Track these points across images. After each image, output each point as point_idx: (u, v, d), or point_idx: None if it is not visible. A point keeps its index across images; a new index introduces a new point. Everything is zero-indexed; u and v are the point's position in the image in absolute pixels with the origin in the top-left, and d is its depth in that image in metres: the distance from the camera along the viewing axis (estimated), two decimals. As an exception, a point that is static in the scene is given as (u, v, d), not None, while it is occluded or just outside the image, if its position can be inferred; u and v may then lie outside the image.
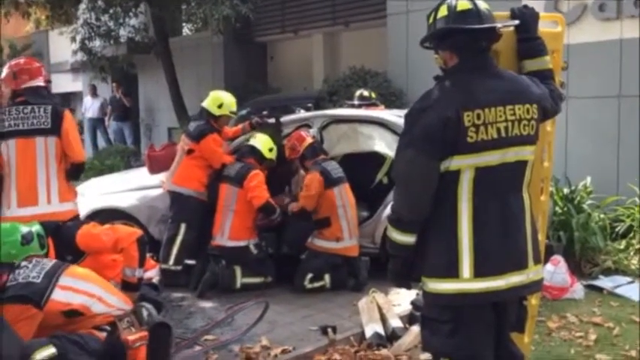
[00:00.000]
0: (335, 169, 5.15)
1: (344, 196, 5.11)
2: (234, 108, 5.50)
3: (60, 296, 2.97)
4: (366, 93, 6.94)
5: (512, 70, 2.49)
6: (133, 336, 2.92)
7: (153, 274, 4.08)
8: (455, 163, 2.26)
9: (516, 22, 2.52)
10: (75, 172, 4.24)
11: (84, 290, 3.06)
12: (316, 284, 5.03)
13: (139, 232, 3.56)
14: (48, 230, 3.38)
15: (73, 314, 3.02)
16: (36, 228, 3.31)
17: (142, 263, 3.47)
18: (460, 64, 2.34)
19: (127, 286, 3.39)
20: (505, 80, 2.34)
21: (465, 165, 2.27)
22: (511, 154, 2.29)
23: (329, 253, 5.05)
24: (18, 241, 3.16)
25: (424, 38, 2.43)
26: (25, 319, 2.88)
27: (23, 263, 3.04)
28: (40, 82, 4.16)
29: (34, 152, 4.04)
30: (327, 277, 5.04)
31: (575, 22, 6.66)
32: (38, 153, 4.04)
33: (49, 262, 3.09)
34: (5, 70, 4.18)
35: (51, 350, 2.80)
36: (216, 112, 5.37)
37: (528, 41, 2.55)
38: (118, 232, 3.49)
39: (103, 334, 3.01)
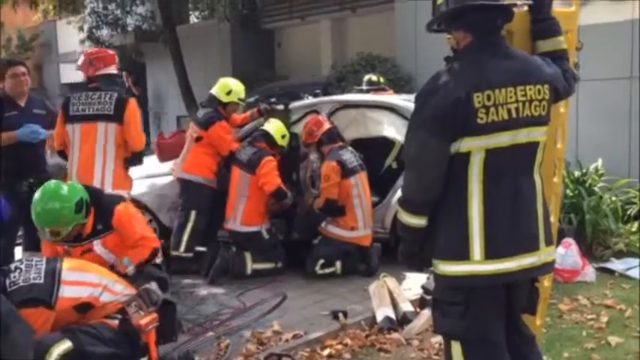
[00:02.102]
0: (351, 159, 5.11)
1: (360, 186, 5.08)
2: (242, 95, 5.50)
3: (67, 292, 2.92)
4: (374, 78, 6.90)
5: (526, 50, 2.46)
6: (144, 320, 2.91)
7: None
8: (465, 144, 2.24)
9: (530, 1, 2.48)
10: (134, 160, 4.43)
11: (88, 282, 3.04)
12: (327, 270, 5.04)
13: (159, 242, 3.64)
14: (93, 197, 3.40)
15: (83, 308, 2.99)
16: (85, 194, 3.33)
17: (140, 266, 3.46)
18: (473, 44, 2.31)
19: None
20: (516, 60, 2.31)
21: (475, 147, 2.24)
22: (522, 135, 2.27)
23: (342, 240, 5.05)
24: (73, 208, 3.21)
25: (435, 19, 2.38)
26: (38, 322, 2.81)
27: (14, 266, 2.94)
28: (113, 69, 4.43)
29: (95, 137, 4.24)
30: (338, 263, 5.05)
31: (586, 3, 6.57)
32: (98, 138, 4.24)
33: (41, 260, 3.01)
34: (82, 58, 4.45)
35: (67, 344, 2.78)
36: (225, 99, 5.37)
37: (542, 21, 2.51)
38: (147, 231, 3.58)
39: (115, 322, 3.00)
